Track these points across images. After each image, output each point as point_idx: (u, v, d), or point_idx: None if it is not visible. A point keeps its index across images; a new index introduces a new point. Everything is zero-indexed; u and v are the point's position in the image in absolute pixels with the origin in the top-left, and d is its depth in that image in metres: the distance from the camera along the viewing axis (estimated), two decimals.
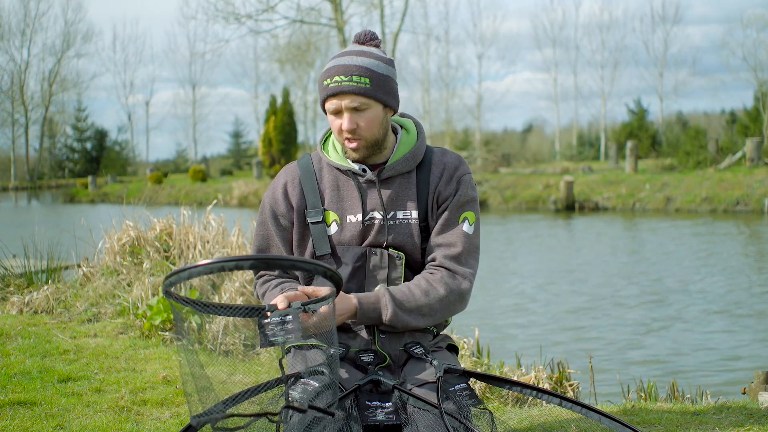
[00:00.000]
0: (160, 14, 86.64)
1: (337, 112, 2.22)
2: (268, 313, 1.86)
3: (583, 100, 65.49)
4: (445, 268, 2.26)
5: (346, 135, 2.23)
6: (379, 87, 2.22)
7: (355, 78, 2.18)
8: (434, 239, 2.29)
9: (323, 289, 2.09)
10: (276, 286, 2.33)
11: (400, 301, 2.19)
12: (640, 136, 37.10)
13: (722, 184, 22.40)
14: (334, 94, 2.19)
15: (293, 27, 30.93)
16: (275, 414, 1.78)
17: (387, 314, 2.18)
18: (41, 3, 54.66)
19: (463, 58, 70.83)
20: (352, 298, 2.17)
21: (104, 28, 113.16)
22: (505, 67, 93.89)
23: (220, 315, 1.90)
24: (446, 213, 2.28)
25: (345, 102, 2.19)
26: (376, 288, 2.25)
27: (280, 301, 1.92)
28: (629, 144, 27.67)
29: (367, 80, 2.20)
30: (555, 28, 54.23)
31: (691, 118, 47.44)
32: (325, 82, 2.21)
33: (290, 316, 1.84)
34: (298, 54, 42.07)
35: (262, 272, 2.41)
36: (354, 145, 2.24)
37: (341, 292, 2.16)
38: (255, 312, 1.87)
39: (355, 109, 2.20)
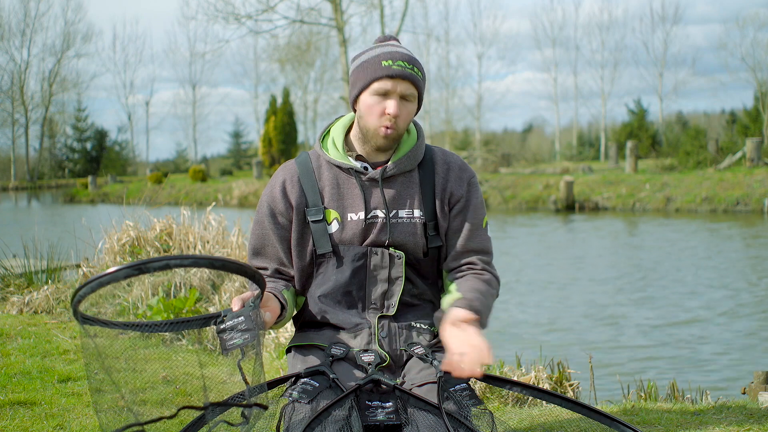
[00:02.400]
0: (160, 14, 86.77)
1: (385, 95, 2.20)
2: (224, 318, 1.89)
3: (583, 100, 65.42)
4: (488, 272, 2.31)
5: (388, 120, 2.21)
6: (424, 86, 2.27)
7: (416, 69, 2.21)
8: (467, 244, 2.30)
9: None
10: None
11: (487, 303, 2.21)
12: (640, 136, 37.12)
13: (722, 184, 22.40)
14: (394, 76, 2.18)
15: (293, 27, 30.93)
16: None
17: (486, 318, 2.20)
18: (41, 3, 54.59)
19: (463, 58, 70.90)
20: (469, 311, 2.12)
21: (104, 28, 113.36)
22: (506, 67, 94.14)
23: (173, 331, 1.95)
24: (471, 217, 2.31)
25: (401, 87, 2.19)
26: (451, 296, 2.23)
27: (235, 302, 1.95)
28: (629, 144, 27.67)
29: (421, 75, 2.24)
30: (555, 28, 54.30)
31: (691, 118, 47.53)
32: (386, 63, 2.19)
33: (242, 317, 1.88)
34: (298, 54, 42.06)
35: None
36: (390, 132, 2.22)
37: (459, 310, 2.12)
38: (209, 321, 1.90)
39: (403, 98, 2.21)
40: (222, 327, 1.87)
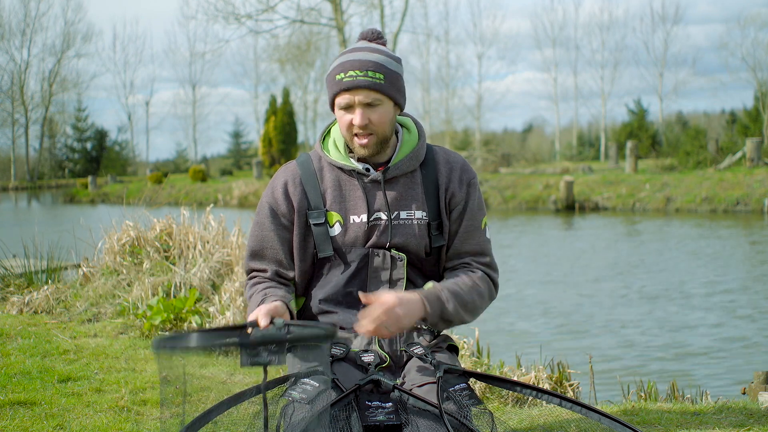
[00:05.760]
0: (160, 14, 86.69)
1: (349, 107, 2.19)
2: (249, 330, 1.79)
3: (583, 100, 65.46)
4: (482, 271, 2.29)
5: (356, 130, 2.20)
6: (392, 84, 2.21)
7: (370, 73, 2.17)
8: (462, 246, 2.30)
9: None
10: (262, 290, 2.25)
11: (459, 294, 2.18)
12: (640, 136, 37.11)
13: (722, 184, 22.39)
14: (348, 89, 2.16)
15: (293, 27, 30.93)
16: None
17: (450, 307, 2.16)
18: (41, 3, 54.56)
19: (463, 58, 70.88)
20: (419, 299, 2.12)
21: (104, 28, 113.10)
22: (506, 67, 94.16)
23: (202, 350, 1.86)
24: (467, 219, 2.30)
25: (359, 97, 2.17)
26: (428, 286, 2.21)
27: (261, 317, 1.87)
28: (629, 144, 27.67)
29: (381, 76, 2.19)
30: (555, 28, 54.28)
31: (691, 118, 47.52)
32: (338, 77, 2.18)
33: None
34: (298, 54, 42.06)
35: (253, 272, 2.37)
36: (365, 141, 2.21)
37: (406, 294, 2.13)
38: (235, 333, 1.80)
39: (368, 105, 2.18)
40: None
